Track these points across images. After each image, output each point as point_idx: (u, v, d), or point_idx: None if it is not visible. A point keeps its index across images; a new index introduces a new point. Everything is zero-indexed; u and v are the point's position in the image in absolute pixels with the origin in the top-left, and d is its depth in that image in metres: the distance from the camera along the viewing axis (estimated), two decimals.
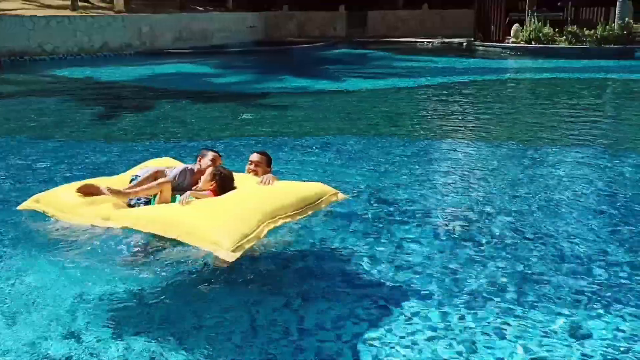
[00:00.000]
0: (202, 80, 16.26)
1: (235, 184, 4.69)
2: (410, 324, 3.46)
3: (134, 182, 4.86)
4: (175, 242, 4.08)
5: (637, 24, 20.85)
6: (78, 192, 4.60)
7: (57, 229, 4.58)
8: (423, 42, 27.22)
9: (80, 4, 23.12)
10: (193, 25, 25.17)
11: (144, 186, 4.66)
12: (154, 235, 4.19)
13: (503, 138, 8.42)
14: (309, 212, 4.46)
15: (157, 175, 4.82)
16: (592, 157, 7.17)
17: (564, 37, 20.81)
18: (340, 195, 4.84)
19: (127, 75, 16.78)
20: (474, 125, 9.46)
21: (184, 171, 4.86)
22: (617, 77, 15.74)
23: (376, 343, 3.27)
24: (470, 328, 3.40)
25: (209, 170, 4.67)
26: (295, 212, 4.32)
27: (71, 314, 3.59)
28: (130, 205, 4.67)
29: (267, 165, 5.07)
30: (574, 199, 5.60)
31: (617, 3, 20.62)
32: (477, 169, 6.70)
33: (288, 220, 4.22)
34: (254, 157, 5.10)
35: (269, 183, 4.59)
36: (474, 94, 13.43)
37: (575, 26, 21.38)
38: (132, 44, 22.18)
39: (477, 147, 7.84)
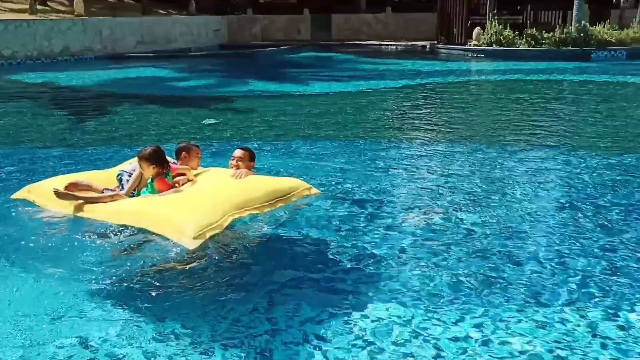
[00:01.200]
0: (166, 84, 16.09)
1: (211, 177, 4.90)
2: (376, 321, 3.49)
3: (120, 178, 4.97)
4: (150, 237, 4.22)
5: (594, 27, 21.37)
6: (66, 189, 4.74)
7: (44, 218, 4.82)
8: (387, 45, 27.44)
9: (39, 7, 22.63)
10: (156, 28, 24.89)
11: (97, 195, 4.72)
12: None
13: (467, 138, 8.56)
14: (279, 205, 4.62)
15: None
16: (553, 156, 7.34)
17: (524, 39, 21.25)
18: (314, 191, 5.00)
19: (89, 79, 16.50)
20: (439, 126, 9.59)
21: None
22: (575, 79, 16.13)
23: (341, 342, 3.29)
24: (438, 326, 3.44)
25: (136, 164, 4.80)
26: (264, 204, 4.48)
27: (38, 306, 3.57)
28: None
29: (249, 161, 5.21)
30: (538, 197, 5.73)
31: (574, 6, 21.14)
32: (443, 169, 6.79)
33: (255, 212, 4.41)
34: (237, 152, 5.23)
35: (241, 177, 4.75)
36: (439, 95, 13.61)
37: (534, 29, 21.85)
38: (93, 48, 21.82)
39: (443, 147, 7.95)
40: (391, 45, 27.30)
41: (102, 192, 4.80)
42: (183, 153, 5.08)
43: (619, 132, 8.85)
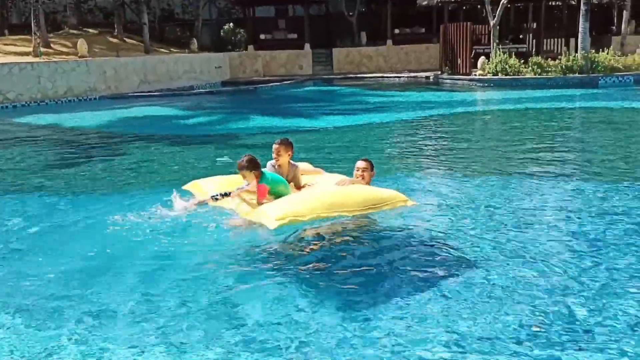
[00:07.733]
0: (172, 123, 15.93)
1: (322, 182, 5.97)
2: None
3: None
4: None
5: (598, 54, 21.29)
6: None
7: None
8: (390, 76, 27.46)
9: (42, 50, 22.68)
10: (159, 67, 24.91)
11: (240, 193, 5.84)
12: None
13: (479, 171, 8.29)
14: (370, 212, 5.33)
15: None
16: (568, 186, 7.12)
17: (530, 68, 21.13)
18: (410, 202, 5.46)
19: (94, 120, 16.33)
20: (452, 158, 9.35)
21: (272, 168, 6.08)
22: (583, 106, 15.99)
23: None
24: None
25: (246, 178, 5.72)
26: (354, 209, 5.18)
27: None
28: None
29: (371, 170, 5.89)
30: (555, 228, 5.47)
31: (579, 34, 21.12)
32: (460, 202, 6.54)
33: (344, 214, 5.21)
34: (361, 164, 5.88)
35: (343, 184, 5.62)
36: (448, 126, 13.43)
37: (539, 57, 21.80)
38: (97, 88, 21.78)
39: (456, 180, 7.71)
40: (394, 77, 27.32)
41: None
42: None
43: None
